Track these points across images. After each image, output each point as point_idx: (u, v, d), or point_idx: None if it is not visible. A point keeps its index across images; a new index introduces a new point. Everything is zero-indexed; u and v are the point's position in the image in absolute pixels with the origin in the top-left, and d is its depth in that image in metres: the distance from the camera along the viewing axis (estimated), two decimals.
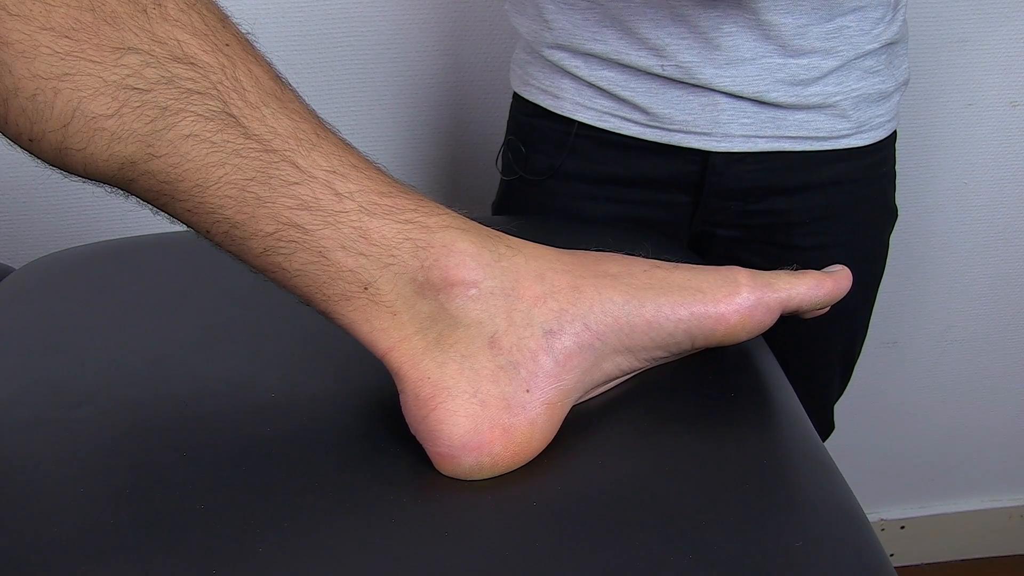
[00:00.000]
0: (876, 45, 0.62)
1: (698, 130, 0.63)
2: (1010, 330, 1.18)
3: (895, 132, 0.69)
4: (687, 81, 0.61)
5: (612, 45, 0.62)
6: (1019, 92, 1.00)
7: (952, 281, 1.13)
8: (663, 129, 0.63)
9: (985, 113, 1.00)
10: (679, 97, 0.62)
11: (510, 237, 0.38)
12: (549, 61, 0.66)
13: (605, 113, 0.65)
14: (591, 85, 0.64)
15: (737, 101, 0.61)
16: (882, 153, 0.68)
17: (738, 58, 0.60)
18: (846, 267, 0.40)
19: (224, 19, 0.33)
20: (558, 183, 0.69)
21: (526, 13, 0.66)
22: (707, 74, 0.60)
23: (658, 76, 0.62)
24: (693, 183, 0.65)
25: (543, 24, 0.65)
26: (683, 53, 0.60)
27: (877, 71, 0.63)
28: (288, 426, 0.37)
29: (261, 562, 0.31)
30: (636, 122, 0.64)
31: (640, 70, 0.62)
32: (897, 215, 0.73)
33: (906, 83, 0.67)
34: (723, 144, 0.63)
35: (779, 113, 0.62)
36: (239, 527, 0.32)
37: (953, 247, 1.09)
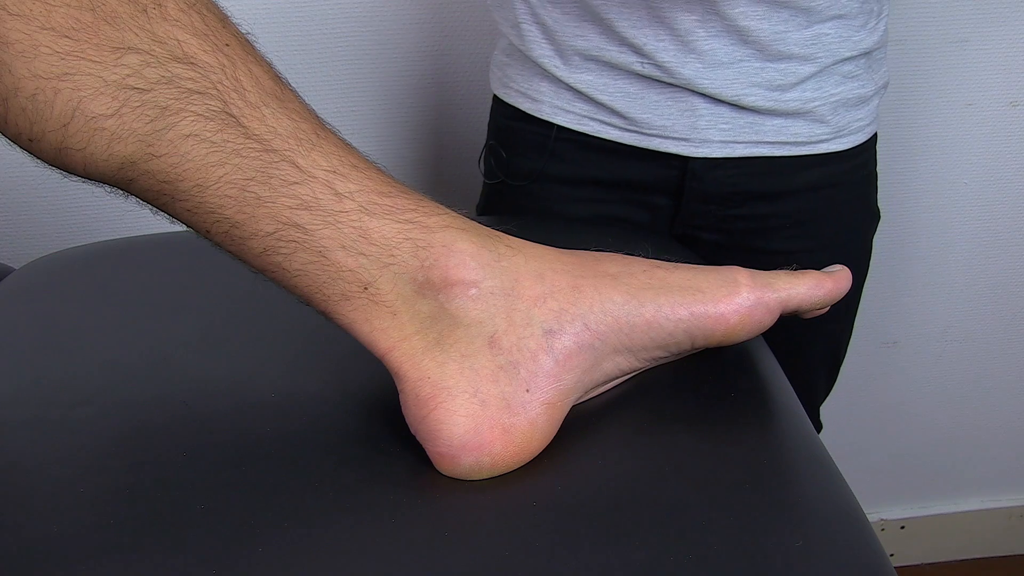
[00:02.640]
0: (855, 52, 0.62)
1: (676, 135, 0.63)
2: (1010, 330, 1.17)
3: (875, 135, 0.69)
4: (666, 80, 0.61)
5: (593, 41, 0.62)
6: (1019, 92, 1.00)
7: (952, 281, 1.13)
8: (641, 134, 0.63)
9: (985, 113, 1.00)
10: (657, 102, 0.62)
11: (510, 237, 0.38)
12: (529, 59, 0.65)
13: (584, 117, 0.65)
14: (569, 88, 0.64)
15: (715, 106, 0.61)
16: (862, 157, 0.68)
17: (715, 62, 0.60)
18: (846, 267, 0.40)
19: (224, 19, 0.33)
20: (540, 186, 0.69)
21: (507, 7, 0.66)
22: (686, 74, 0.60)
23: (638, 76, 0.61)
24: (673, 187, 0.65)
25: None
26: (661, 53, 0.60)
27: (856, 76, 0.63)
28: (288, 426, 0.37)
29: (261, 562, 0.31)
30: (615, 126, 0.64)
31: (620, 68, 0.62)
32: (880, 217, 0.73)
33: (886, 86, 0.67)
34: (701, 150, 0.63)
35: (757, 119, 0.62)
36: (239, 527, 0.32)
37: (953, 247, 1.09)
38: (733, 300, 0.38)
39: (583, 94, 0.64)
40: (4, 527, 0.32)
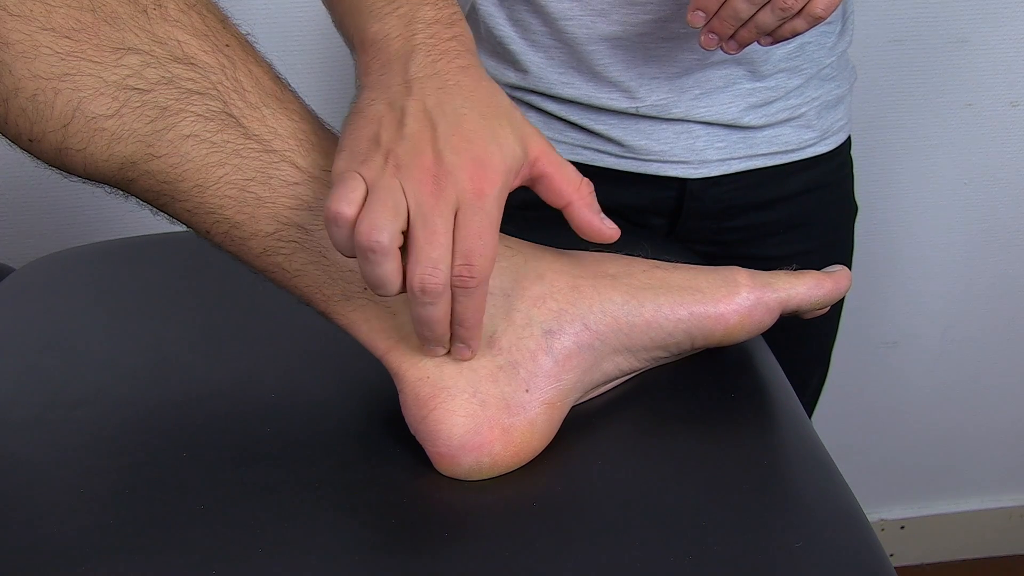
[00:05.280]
0: (833, 58, 0.63)
1: (675, 159, 0.62)
2: (1010, 330, 1.17)
3: (850, 136, 0.70)
4: (663, 117, 0.61)
5: (581, 89, 0.60)
6: (1019, 92, 0.99)
7: (952, 281, 1.12)
8: (639, 159, 0.62)
9: (985, 113, 1.00)
10: (652, 128, 0.61)
11: (509, 237, 0.38)
12: (512, 98, 0.63)
13: (577, 146, 0.63)
14: (561, 119, 0.63)
15: (710, 127, 0.61)
16: (843, 156, 0.69)
17: (712, 88, 0.60)
18: (845, 267, 0.40)
19: (224, 20, 0.33)
20: (528, 213, 0.67)
21: (487, 52, 0.63)
22: (682, 108, 0.60)
23: (633, 115, 0.61)
24: (670, 208, 0.65)
25: (507, 65, 0.62)
26: (656, 93, 0.59)
27: (832, 77, 0.64)
28: (288, 426, 0.37)
29: (261, 562, 0.31)
30: (611, 154, 0.63)
31: (614, 111, 0.61)
32: (858, 208, 0.73)
33: (854, 82, 0.68)
34: (701, 171, 0.62)
35: (750, 132, 0.62)
36: (239, 527, 0.32)
37: (953, 247, 1.09)
38: (733, 300, 0.38)
39: (575, 124, 0.62)
40: (4, 527, 0.32)
